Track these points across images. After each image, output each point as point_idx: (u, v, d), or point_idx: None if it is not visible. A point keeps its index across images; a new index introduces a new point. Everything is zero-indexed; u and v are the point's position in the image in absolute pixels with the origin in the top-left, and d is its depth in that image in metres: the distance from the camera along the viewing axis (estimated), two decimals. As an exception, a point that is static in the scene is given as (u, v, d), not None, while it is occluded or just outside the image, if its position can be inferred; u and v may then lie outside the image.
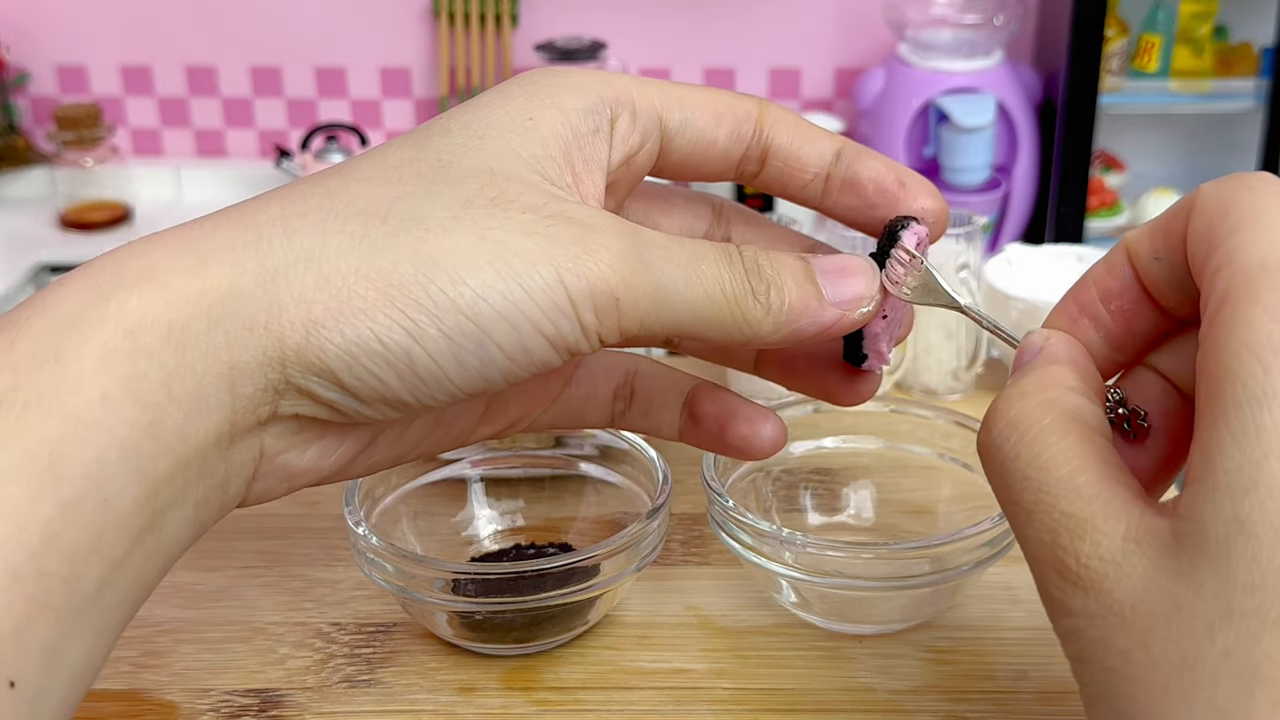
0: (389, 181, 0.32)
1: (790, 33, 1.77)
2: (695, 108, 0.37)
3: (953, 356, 0.66)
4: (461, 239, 0.30)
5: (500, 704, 0.45)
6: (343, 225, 0.30)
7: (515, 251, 0.30)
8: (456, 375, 0.31)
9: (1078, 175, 1.60)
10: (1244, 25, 1.66)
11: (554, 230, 0.31)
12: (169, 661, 0.47)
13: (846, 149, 0.38)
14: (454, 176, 0.32)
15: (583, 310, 0.31)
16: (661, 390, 0.42)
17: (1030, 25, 1.73)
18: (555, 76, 0.35)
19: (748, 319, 0.33)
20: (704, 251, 0.33)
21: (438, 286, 0.30)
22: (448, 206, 0.31)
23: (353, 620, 0.49)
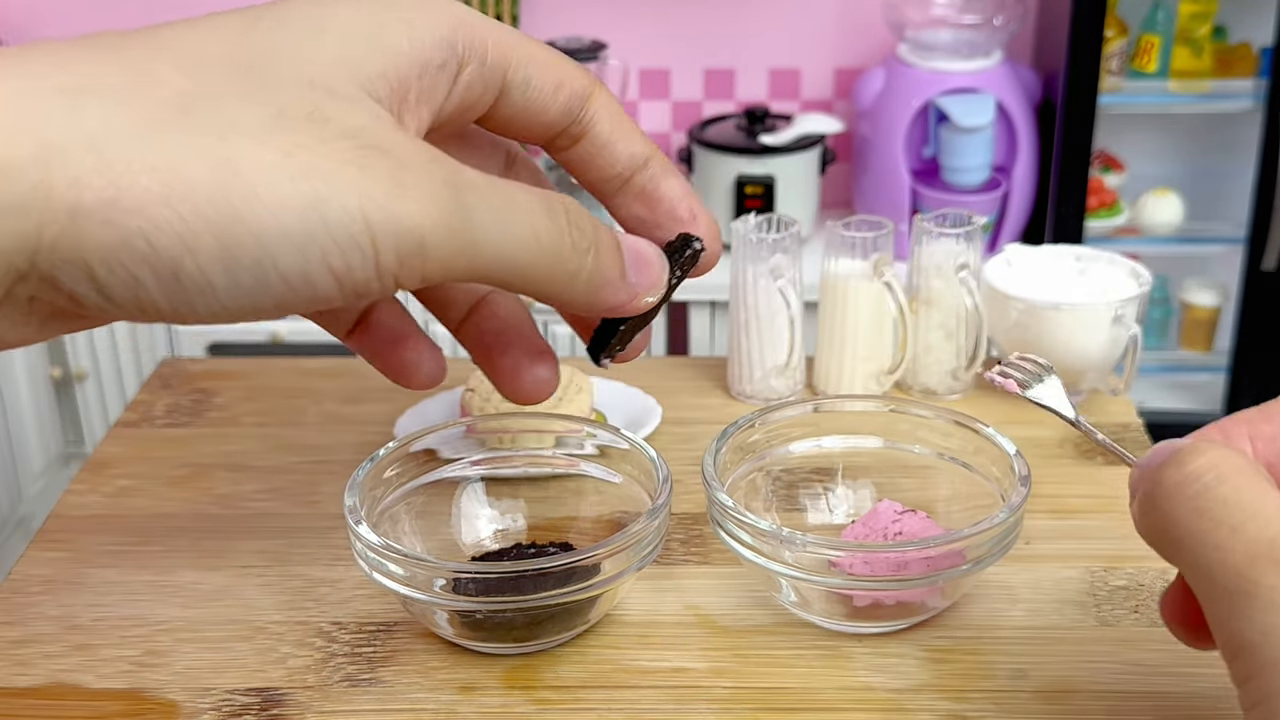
0: (201, 73, 0.29)
1: (790, 33, 1.77)
2: (540, 71, 0.36)
3: (952, 357, 0.66)
4: (266, 151, 0.28)
5: (501, 703, 0.45)
6: (139, 108, 0.28)
7: (322, 175, 0.28)
8: (225, 293, 0.28)
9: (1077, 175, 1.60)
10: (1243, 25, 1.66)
11: (368, 160, 0.29)
12: (170, 661, 0.47)
13: (656, 160, 0.38)
14: (273, 80, 0.29)
15: (383, 250, 0.29)
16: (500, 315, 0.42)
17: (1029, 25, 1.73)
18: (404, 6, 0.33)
19: (566, 270, 0.32)
20: (525, 199, 0.32)
21: (226, 195, 0.27)
22: (259, 114, 0.28)
23: (354, 619, 0.49)
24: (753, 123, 1.68)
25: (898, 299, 0.64)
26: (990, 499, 0.50)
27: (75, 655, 0.48)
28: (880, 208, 1.66)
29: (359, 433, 0.63)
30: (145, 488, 0.59)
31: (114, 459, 0.61)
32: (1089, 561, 0.53)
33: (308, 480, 0.59)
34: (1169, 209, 1.67)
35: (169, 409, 0.66)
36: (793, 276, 0.64)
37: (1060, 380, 0.39)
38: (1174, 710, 0.45)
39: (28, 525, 1.69)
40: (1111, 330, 0.63)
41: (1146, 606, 0.50)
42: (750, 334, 0.65)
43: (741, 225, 0.64)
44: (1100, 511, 0.57)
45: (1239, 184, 1.68)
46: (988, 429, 0.51)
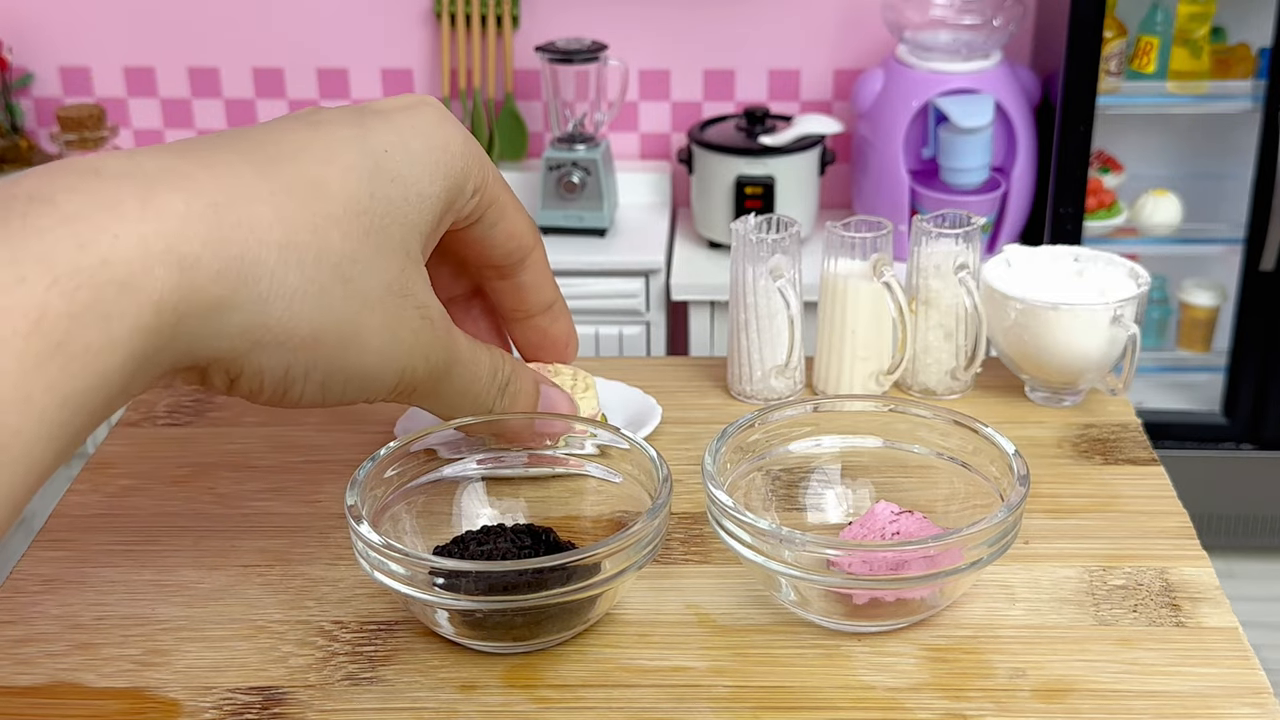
0: (352, 233, 0.40)
1: (789, 34, 1.77)
2: (505, 217, 0.47)
3: (951, 357, 0.66)
4: (375, 319, 0.41)
5: (501, 701, 0.45)
6: (316, 275, 0.39)
7: (397, 342, 0.42)
8: (310, 402, 0.42)
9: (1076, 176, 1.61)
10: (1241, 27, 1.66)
11: (422, 330, 0.43)
12: (171, 659, 0.48)
13: (557, 307, 0.53)
14: (387, 247, 0.41)
15: (400, 388, 0.44)
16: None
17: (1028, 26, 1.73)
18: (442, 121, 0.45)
19: (483, 406, 0.49)
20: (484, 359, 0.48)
21: (348, 353, 0.41)
22: (377, 287, 0.40)
23: (355, 618, 0.50)
24: (752, 123, 1.68)
25: (897, 299, 0.64)
26: (989, 498, 0.51)
27: (77, 654, 0.48)
28: (879, 208, 1.66)
29: (360, 432, 0.63)
30: (147, 487, 0.59)
31: (116, 458, 0.61)
32: (1087, 561, 0.53)
33: (309, 480, 0.59)
34: (1167, 209, 1.67)
35: (170, 408, 0.66)
36: (792, 277, 0.65)
37: None
38: (1172, 710, 0.45)
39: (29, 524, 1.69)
40: (1110, 330, 0.64)
41: (1145, 606, 0.50)
42: (750, 334, 0.65)
43: (741, 225, 0.65)
44: (1099, 511, 0.57)
45: (1237, 185, 1.69)
46: (986, 429, 0.51)
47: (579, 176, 1.66)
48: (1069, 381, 0.65)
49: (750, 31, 1.79)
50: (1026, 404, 0.66)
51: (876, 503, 0.52)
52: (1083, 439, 0.63)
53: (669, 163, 1.83)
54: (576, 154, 1.66)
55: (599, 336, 1.67)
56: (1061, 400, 0.66)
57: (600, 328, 1.67)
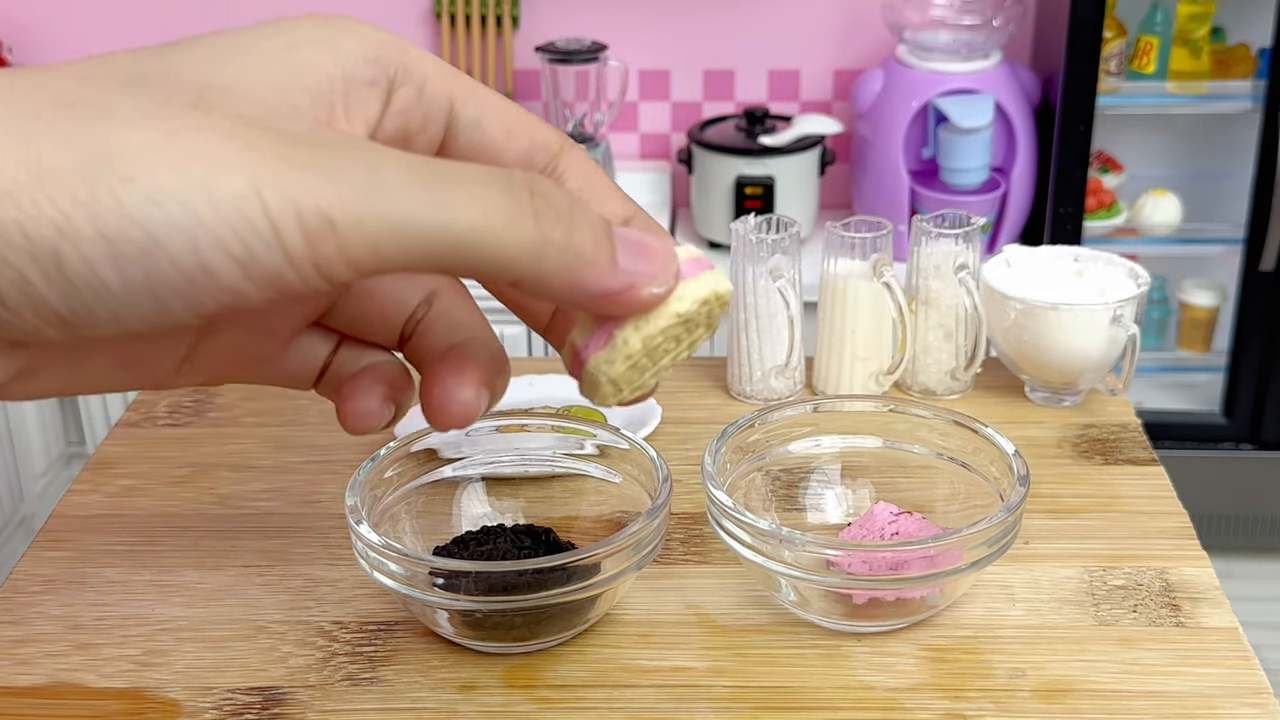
0: (96, 76, 0.28)
1: (789, 34, 1.77)
2: (490, 113, 0.33)
3: (951, 357, 0.66)
4: (145, 134, 0.26)
5: (501, 702, 0.45)
6: (19, 102, 0.26)
7: (204, 154, 0.26)
8: (118, 287, 0.26)
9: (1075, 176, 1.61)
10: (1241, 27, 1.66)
11: (257, 138, 0.27)
12: (171, 660, 0.48)
13: (639, 219, 0.35)
14: (164, 82, 0.28)
15: (286, 231, 0.26)
16: (444, 329, 0.36)
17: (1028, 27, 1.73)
18: (348, 21, 0.32)
19: (528, 242, 0.28)
20: (471, 172, 0.28)
21: (102, 181, 0.25)
22: (139, 103, 0.27)
23: (355, 619, 0.50)
24: (752, 124, 1.68)
25: (897, 299, 0.64)
26: (989, 499, 0.51)
27: (77, 654, 0.48)
28: (879, 208, 1.66)
29: (360, 433, 0.63)
30: (147, 487, 0.59)
31: (116, 459, 0.61)
32: (1087, 561, 0.53)
33: (309, 480, 0.59)
34: (1167, 210, 1.67)
35: (170, 409, 0.66)
36: (792, 277, 0.65)
37: None
38: (1172, 710, 0.45)
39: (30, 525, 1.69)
40: (1110, 330, 0.64)
41: (1145, 606, 0.50)
42: (750, 334, 0.65)
43: (741, 226, 0.65)
44: (1099, 511, 0.57)
45: (1237, 185, 1.69)
46: (986, 429, 0.51)
47: (579, 177, 1.66)
48: (1069, 382, 0.65)
49: (750, 32, 1.79)
50: (1026, 404, 0.66)
51: (876, 503, 0.52)
52: (1082, 439, 0.63)
53: (669, 163, 1.83)
54: (576, 154, 1.66)
55: (599, 337, 1.67)
56: (1061, 400, 0.66)
57: (600, 328, 1.67)
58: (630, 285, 0.31)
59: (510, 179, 0.29)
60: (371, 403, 0.35)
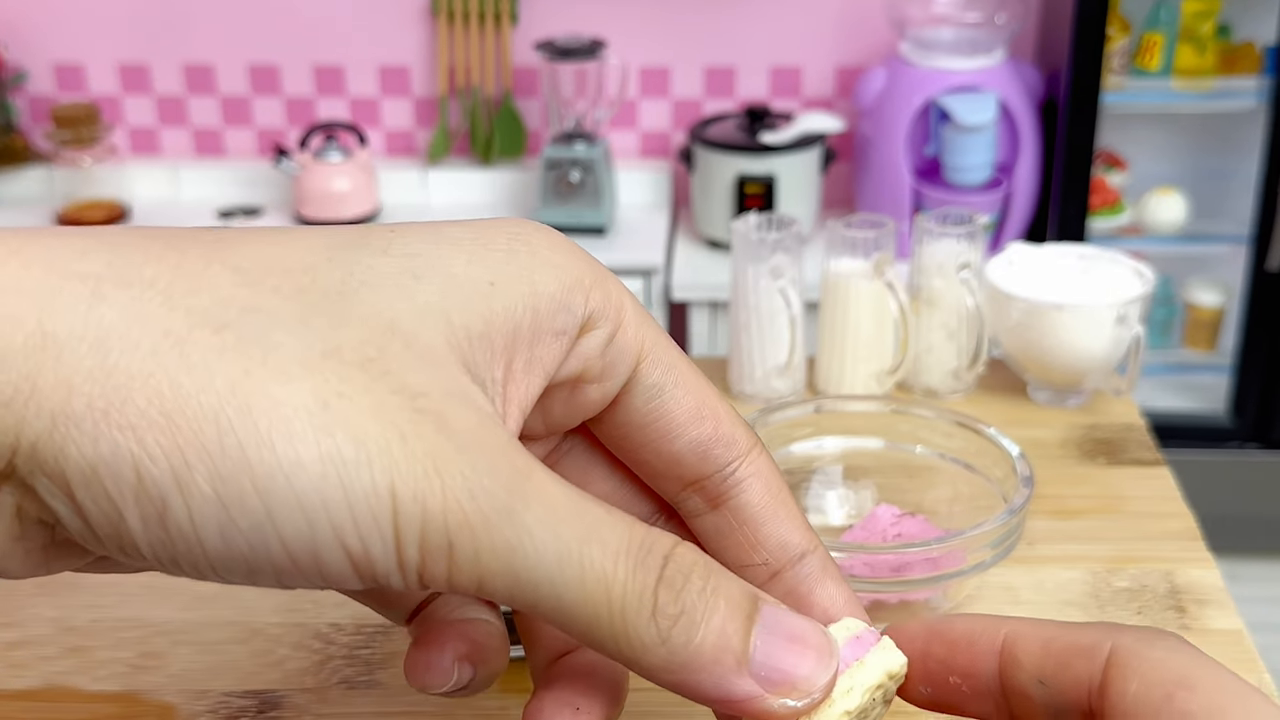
0: (262, 284, 0.24)
1: (791, 31, 1.77)
2: (679, 382, 0.29)
3: (953, 356, 0.66)
4: (297, 393, 0.23)
5: (498, 705, 0.45)
6: (166, 315, 0.23)
7: (355, 435, 0.23)
8: (215, 551, 0.24)
9: (1080, 174, 1.60)
10: (1246, 24, 1.65)
11: (415, 430, 0.24)
12: (166, 663, 0.47)
13: (814, 558, 0.30)
14: (342, 313, 0.24)
15: (405, 540, 0.23)
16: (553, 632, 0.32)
17: (1032, 23, 1.73)
18: (551, 243, 0.28)
19: (629, 638, 0.25)
20: (609, 530, 0.25)
21: (236, 437, 0.23)
22: (307, 345, 0.24)
23: (351, 622, 0.49)
24: (753, 121, 1.67)
25: (899, 298, 0.64)
26: (992, 500, 0.50)
27: (71, 658, 0.48)
28: (882, 207, 1.65)
29: (357, 433, 0.62)
30: (142, 488, 0.59)
31: (111, 459, 0.61)
32: (1092, 563, 0.53)
33: (305, 481, 0.59)
34: (1172, 208, 1.66)
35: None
36: (793, 276, 0.64)
37: None
38: (1178, 714, 0.45)
39: (28, 525, 1.69)
40: (1114, 330, 0.63)
41: (1149, 608, 0.50)
42: (751, 334, 0.65)
43: (742, 224, 0.64)
44: (1103, 513, 0.56)
45: (1243, 183, 1.68)
46: (990, 430, 0.51)
47: (578, 175, 1.65)
48: (1073, 382, 0.65)
49: (751, 28, 1.78)
50: (1030, 404, 0.66)
51: (878, 505, 0.52)
52: (1087, 440, 0.62)
53: (669, 161, 1.83)
54: (575, 152, 1.66)
55: (600, 335, 1.67)
56: (1065, 401, 0.65)
57: (601, 327, 1.66)
58: (755, 696, 0.26)
59: (643, 547, 0.25)
60: (443, 659, 0.30)
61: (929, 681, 0.28)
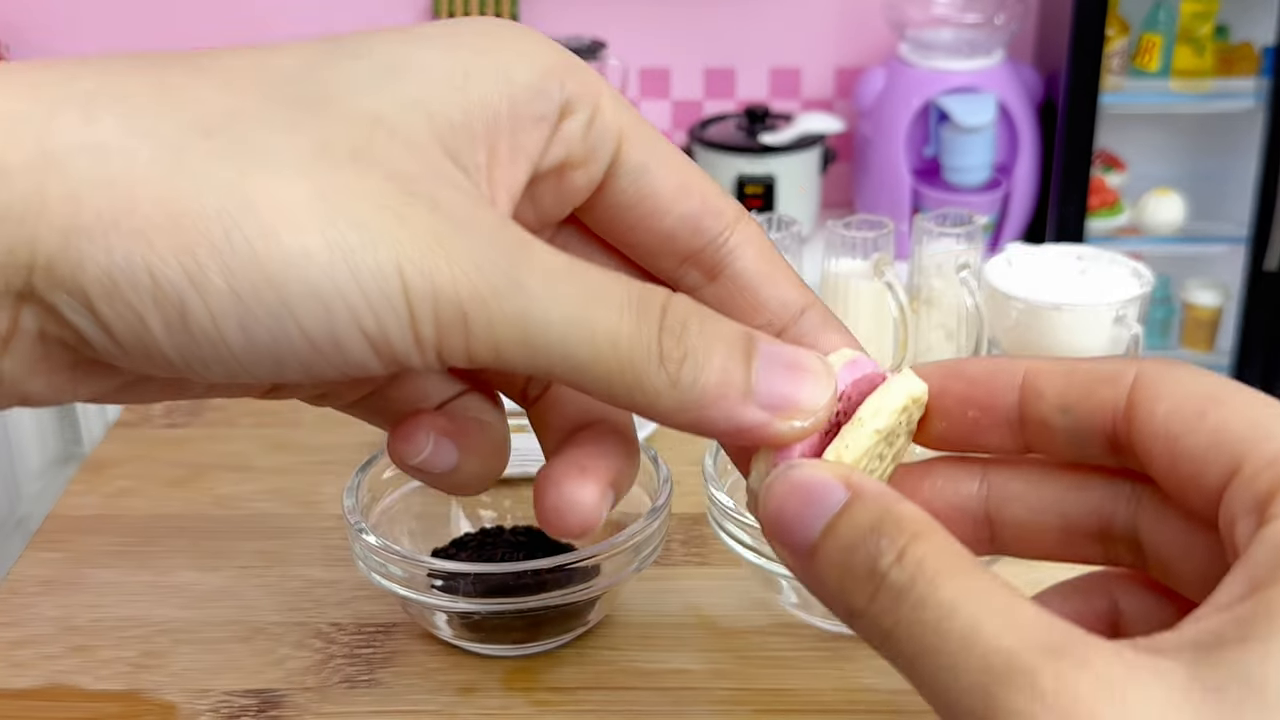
0: (247, 90, 0.25)
1: (790, 32, 1.77)
2: (661, 160, 0.30)
3: (953, 356, 0.66)
4: (295, 187, 0.24)
5: (500, 704, 0.45)
6: (158, 125, 0.24)
7: (355, 220, 0.24)
8: (240, 347, 0.24)
9: (1079, 175, 1.60)
10: (1245, 25, 1.66)
11: (412, 211, 0.25)
12: (168, 662, 0.47)
13: (815, 311, 0.31)
14: (328, 111, 0.25)
15: (420, 316, 0.24)
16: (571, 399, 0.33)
17: (1031, 25, 1.73)
18: (521, 35, 0.29)
19: (643, 386, 0.26)
20: (608, 289, 0.26)
21: (242, 233, 0.23)
22: (296, 145, 0.25)
23: (353, 621, 0.49)
24: (753, 122, 1.67)
25: (898, 299, 0.64)
26: (992, 500, 0.50)
27: (73, 656, 0.48)
28: (881, 207, 1.66)
29: (358, 433, 0.62)
30: (144, 488, 0.59)
31: (112, 459, 0.61)
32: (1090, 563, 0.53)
33: (307, 481, 0.59)
34: (1171, 209, 1.67)
35: (168, 409, 0.66)
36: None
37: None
38: (1176, 712, 0.45)
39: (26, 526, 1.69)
40: (1113, 330, 0.63)
41: (1149, 608, 0.50)
42: (751, 334, 0.65)
43: (742, 225, 0.64)
44: (1102, 512, 0.57)
45: (1241, 184, 1.68)
46: (989, 429, 0.51)
47: (580, 175, 1.66)
48: (1072, 381, 0.65)
49: (751, 29, 1.79)
50: (1029, 404, 0.66)
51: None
52: (1086, 439, 0.63)
53: (670, 162, 1.83)
54: (577, 153, 1.66)
55: (600, 336, 1.67)
56: (1064, 400, 0.66)
57: (601, 327, 1.66)
58: (763, 422, 0.27)
59: (640, 302, 0.26)
60: (418, 430, 0.31)
61: (945, 417, 0.29)
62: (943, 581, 0.24)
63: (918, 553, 0.24)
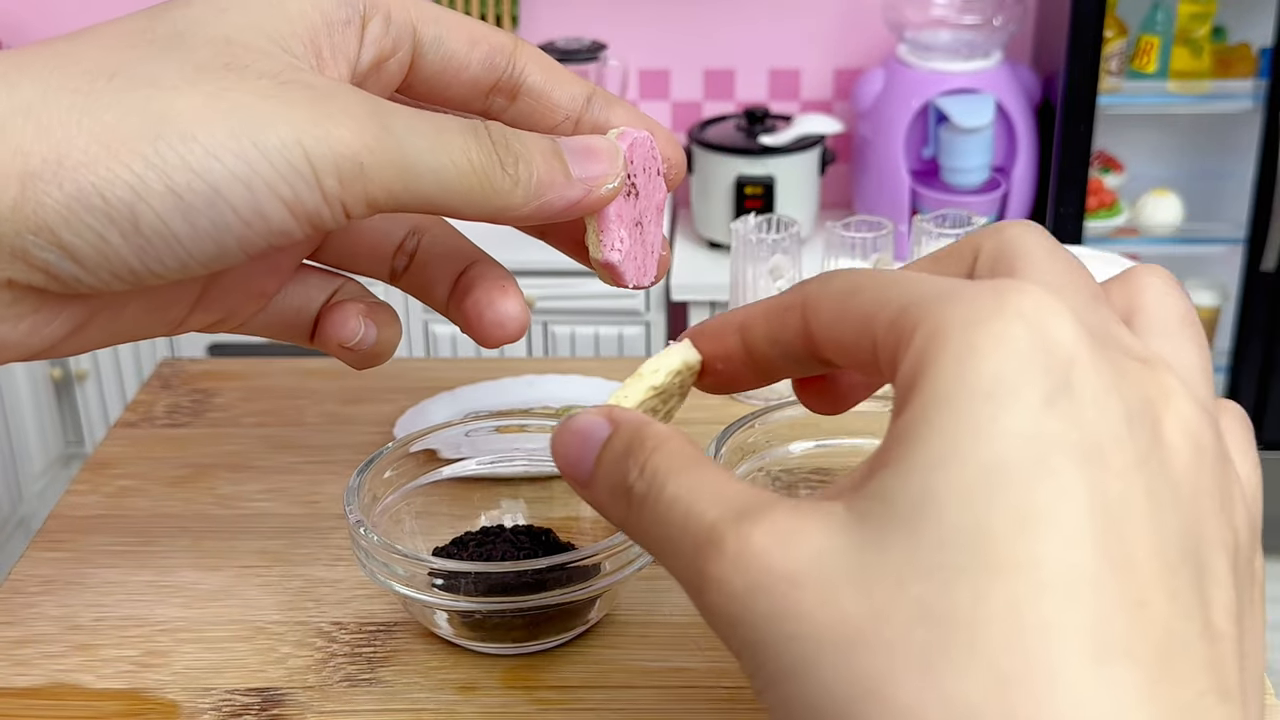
0: (119, 47, 0.31)
1: (790, 34, 1.77)
2: (450, 27, 0.37)
3: (952, 357, 0.66)
4: (193, 98, 0.30)
5: (501, 703, 0.45)
6: (66, 80, 0.30)
7: (251, 111, 0.30)
8: (187, 237, 0.30)
9: (1076, 176, 1.60)
10: (1242, 26, 1.66)
11: (291, 94, 0.30)
12: (170, 661, 0.47)
13: (598, 95, 0.39)
14: (188, 44, 0.31)
15: (324, 175, 0.30)
16: (442, 257, 0.40)
17: (1029, 26, 1.73)
18: None
19: (496, 189, 0.33)
20: (449, 123, 0.33)
21: (165, 142, 0.29)
22: (179, 69, 0.30)
23: (354, 619, 0.49)
24: (752, 123, 1.68)
25: (897, 299, 0.64)
26: (990, 499, 0.50)
27: (75, 655, 0.48)
28: (880, 208, 1.66)
29: (359, 433, 0.63)
30: (145, 488, 0.59)
31: (114, 459, 0.61)
32: (1088, 562, 0.53)
33: (308, 480, 0.59)
34: (1168, 209, 1.67)
35: (169, 409, 0.66)
36: (792, 277, 0.64)
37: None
38: (1173, 710, 0.45)
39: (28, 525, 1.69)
40: (1111, 331, 0.63)
41: (1146, 607, 0.50)
42: (750, 334, 0.65)
43: (741, 226, 0.64)
44: (1100, 512, 0.57)
45: (1238, 184, 1.69)
46: (987, 429, 0.51)
47: (579, 176, 1.66)
48: (1070, 382, 0.65)
49: (750, 31, 1.79)
50: (1027, 404, 0.66)
51: None
52: (1084, 439, 0.63)
53: (669, 162, 1.83)
54: (576, 154, 1.66)
55: (599, 337, 1.67)
56: (1062, 400, 0.66)
57: (600, 328, 1.67)
58: (587, 191, 0.36)
59: (474, 127, 0.33)
60: (348, 317, 0.39)
61: (708, 373, 0.35)
62: (669, 480, 0.27)
63: (654, 462, 0.27)
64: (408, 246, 0.41)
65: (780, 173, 1.63)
